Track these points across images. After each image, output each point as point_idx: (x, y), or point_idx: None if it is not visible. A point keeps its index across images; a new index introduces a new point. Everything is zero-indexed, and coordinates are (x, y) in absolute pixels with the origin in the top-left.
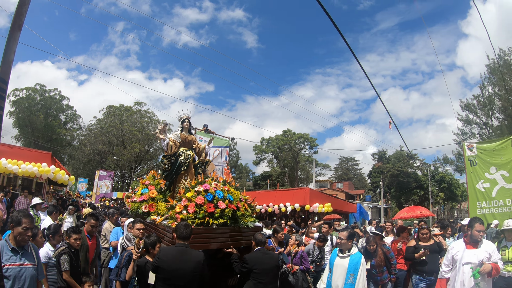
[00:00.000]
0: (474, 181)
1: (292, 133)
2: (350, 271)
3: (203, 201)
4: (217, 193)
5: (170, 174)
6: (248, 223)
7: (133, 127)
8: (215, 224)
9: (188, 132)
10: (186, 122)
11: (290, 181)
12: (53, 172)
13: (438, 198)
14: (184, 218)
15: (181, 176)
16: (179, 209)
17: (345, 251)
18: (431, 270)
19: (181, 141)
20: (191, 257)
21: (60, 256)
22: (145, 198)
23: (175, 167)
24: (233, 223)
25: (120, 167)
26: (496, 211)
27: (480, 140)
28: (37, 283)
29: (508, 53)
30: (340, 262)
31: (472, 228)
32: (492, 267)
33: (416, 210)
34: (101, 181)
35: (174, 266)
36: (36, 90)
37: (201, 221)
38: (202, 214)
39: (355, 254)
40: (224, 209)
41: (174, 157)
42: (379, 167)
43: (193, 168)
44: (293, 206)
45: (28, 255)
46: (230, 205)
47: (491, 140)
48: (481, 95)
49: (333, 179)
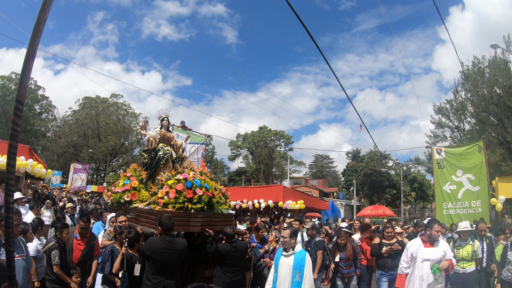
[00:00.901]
0: (441, 183)
1: (268, 130)
2: (296, 269)
3: (182, 188)
4: (195, 181)
5: (150, 167)
6: (223, 210)
7: (109, 119)
8: (193, 208)
9: (166, 130)
10: (165, 120)
11: (264, 177)
12: (31, 165)
13: (410, 198)
14: (166, 203)
15: (159, 170)
16: (161, 195)
17: (289, 249)
18: (393, 265)
19: (160, 138)
20: (178, 246)
21: (51, 251)
22: (127, 188)
23: (155, 161)
24: (209, 209)
25: (95, 160)
26: (462, 212)
27: (452, 143)
28: (28, 273)
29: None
30: (285, 261)
31: (432, 228)
32: (449, 263)
33: (379, 209)
34: (76, 174)
35: (164, 256)
36: (11, 79)
37: (181, 206)
38: (182, 199)
39: (299, 251)
40: (201, 196)
41: (153, 152)
42: (353, 165)
43: (171, 162)
44: (266, 203)
45: (17, 248)
46: (207, 192)
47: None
48: (454, 100)
49: (307, 176)
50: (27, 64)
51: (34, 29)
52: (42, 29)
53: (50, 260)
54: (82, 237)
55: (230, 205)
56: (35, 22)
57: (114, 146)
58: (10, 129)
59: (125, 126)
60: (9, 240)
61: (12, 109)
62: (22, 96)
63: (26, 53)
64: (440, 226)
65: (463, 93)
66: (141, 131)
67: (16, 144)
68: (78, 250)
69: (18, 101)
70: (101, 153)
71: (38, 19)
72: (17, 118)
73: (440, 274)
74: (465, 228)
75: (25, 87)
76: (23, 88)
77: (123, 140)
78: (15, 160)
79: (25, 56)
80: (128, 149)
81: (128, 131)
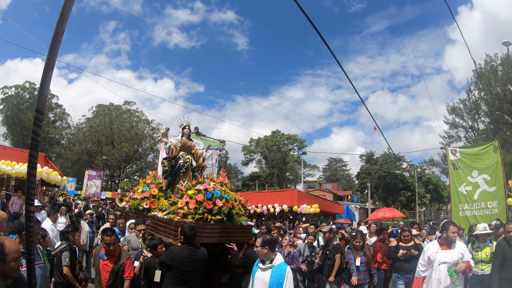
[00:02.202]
0: (456, 184)
1: (281, 134)
2: (272, 287)
3: (203, 198)
4: (215, 192)
5: (170, 175)
6: (242, 221)
7: (122, 126)
8: (213, 220)
9: (187, 138)
10: (187, 128)
11: (278, 181)
12: (46, 173)
13: (424, 200)
14: (186, 213)
15: (179, 178)
16: (181, 205)
17: (266, 261)
18: (410, 269)
19: (181, 146)
20: (199, 254)
21: (62, 252)
22: (147, 196)
23: (175, 169)
24: (228, 220)
25: (109, 166)
26: (478, 213)
27: (467, 143)
28: (45, 279)
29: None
30: (260, 275)
31: (448, 230)
32: (466, 266)
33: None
34: (90, 180)
35: (186, 265)
36: (25, 88)
37: (201, 217)
38: (202, 210)
39: (278, 265)
40: (221, 207)
41: (174, 160)
42: (367, 168)
43: (191, 171)
44: (281, 207)
45: (36, 256)
46: (227, 203)
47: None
48: (468, 99)
49: (321, 180)
50: (46, 74)
51: (52, 39)
52: (61, 39)
53: (60, 262)
54: (109, 255)
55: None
56: (54, 32)
57: (127, 152)
58: (30, 138)
59: (138, 132)
60: (30, 248)
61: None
62: (41, 106)
63: (45, 63)
64: (456, 227)
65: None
66: (162, 138)
67: (37, 154)
68: (106, 272)
69: (38, 111)
70: (115, 160)
71: (56, 30)
72: (37, 128)
73: (457, 277)
74: (484, 231)
75: (44, 97)
76: (43, 98)
77: (136, 147)
78: (35, 169)
79: (44, 66)
80: (141, 156)
81: (141, 137)
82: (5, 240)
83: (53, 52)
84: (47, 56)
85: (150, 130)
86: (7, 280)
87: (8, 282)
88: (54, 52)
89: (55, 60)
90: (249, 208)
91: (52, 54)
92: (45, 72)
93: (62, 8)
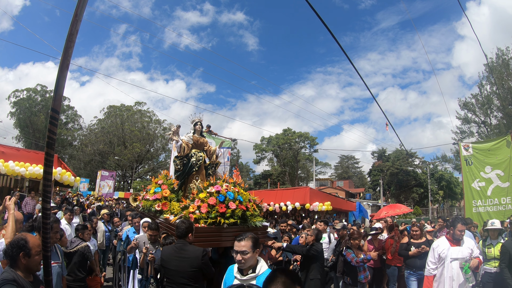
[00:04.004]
0: (469, 180)
1: (292, 132)
2: None
3: (215, 201)
4: (228, 194)
5: (182, 174)
6: (257, 223)
7: (133, 127)
8: (226, 223)
9: (200, 135)
10: (199, 125)
11: (290, 179)
12: (60, 174)
13: (437, 196)
14: (198, 218)
15: (192, 177)
16: (193, 209)
17: (246, 271)
18: (422, 265)
19: (193, 143)
20: (188, 253)
21: (85, 249)
22: (158, 197)
23: (187, 168)
24: (242, 222)
25: (121, 167)
26: (491, 210)
27: (479, 138)
28: (62, 278)
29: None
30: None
31: (455, 228)
32: (478, 261)
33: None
34: (103, 181)
35: (172, 264)
36: (36, 91)
37: (213, 221)
38: (214, 214)
39: (263, 274)
40: (235, 210)
41: (186, 158)
42: (379, 165)
43: (204, 169)
44: (293, 205)
45: (54, 255)
46: (240, 205)
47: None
48: (480, 94)
49: (333, 177)
50: (61, 74)
51: (66, 39)
52: (75, 39)
53: (84, 259)
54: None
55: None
56: (68, 33)
57: (139, 153)
58: (47, 137)
59: (150, 132)
60: (47, 245)
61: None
62: (57, 106)
63: (60, 63)
64: (464, 225)
65: (488, 87)
66: (174, 137)
67: (53, 152)
68: None
69: (54, 110)
70: (127, 160)
71: (70, 30)
72: (53, 126)
73: (471, 273)
74: (493, 226)
75: (60, 97)
76: (58, 98)
77: (148, 147)
78: (52, 168)
79: (59, 66)
80: (153, 156)
81: (153, 137)
82: (26, 236)
83: (68, 52)
84: (61, 56)
85: (162, 130)
86: (29, 277)
87: (30, 278)
88: (69, 53)
89: (69, 60)
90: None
91: (66, 54)
92: (60, 72)
93: (76, 8)
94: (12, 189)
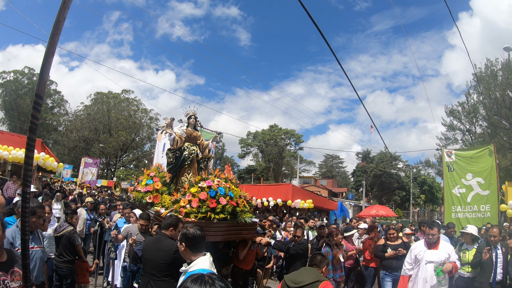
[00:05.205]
0: (451, 186)
1: (278, 128)
2: None
3: (206, 196)
4: (219, 189)
5: (174, 167)
6: (246, 219)
7: (120, 115)
8: (216, 218)
9: (193, 128)
10: (192, 118)
11: (274, 176)
12: (43, 159)
13: (419, 200)
14: (188, 212)
15: (184, 170)
16: (184, 203)
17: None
18: (398, 266)
19: (186, 136)
20: (162, 246)
21: (72, 234)
22: (150, 189)
23: (180, 161)
24: (232, 218)
25: (106, 154)
26: (470, 216)
27: (463, 145)
28: (43, 263)
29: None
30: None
31: (425, 230)
32: (452, 266)
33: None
34: (86, 168)
35: (148, 254)
36: (24, 73)
37: (204, 216)
38: (205, 209)
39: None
40: (225, 205)
41: (179, 151)
42: (363, 166)
43: (196, 163)
44: (275, 201)
45: (36, 239)
46: (231, 201)
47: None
48: (466, 103)
49: (317, 175)
50: (46, 60)
51: (53, 26)
52: (62, 27)
53: (70, 243)
54: None
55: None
56: (55, 20)
57: (125, 141)
58: (29, 122)
59: (136, 121)
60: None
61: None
62: (41, 91)
63: (46, 49)
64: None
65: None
66: (167, 129)
67: (35, 137)
68: None
69: (38, 96)
70: (112, 148)
71: (58, 17)
72: (36, 112)
73: (444, 277)
74: (465, 230)
75: (44, 82)
76: (43, 83)
77: (134, 136)
78: (33, 153)
79: (44, 52)
80: (138, 145)
81: (139, 126)
82: None
83: (54, 39)
84: (48, 42)
85: (148, 120)
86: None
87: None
88: (55, 39)
89: (55, 47)
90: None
91: (53, 41)
92: (46, 58)
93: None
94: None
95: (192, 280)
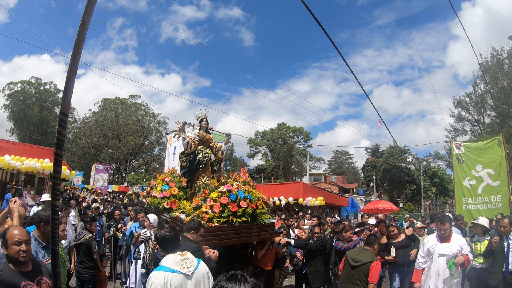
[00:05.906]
0: (461, 178)
1: (286, 127)
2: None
3: (227, 201)
4: (239, 193)
5: (189, 171)
6: (265, 220)
7: (128, 120)
8: (238, 222)
9: (205, 131)
10: (204, 121)
11: (284, 174)
12: None
13: (430, 193)
14: (211, 217)
15: (198, 174)
16: (206, 209)
17: None
18: (403, 262)
19: (199, 140)
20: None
21: (90, 241)
22: (167, 195)
23: (194, 165)
24: (252, 220)
25: (115, 160)
26: (482, 208)
27: (472, 136)
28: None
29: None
30: None
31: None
32: (464, 259)
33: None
34: (97, 174)
35: None
36: (31, 83)
37: (226, 220)
38: (227, 213)
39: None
40: (246, 208)
41: (192, 155)
42: (373, 161)
43: (210, 166)
44: (287, 200)
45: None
46: (251, 204)
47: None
48: (474, 93)
49: (327, 172)
50: (69, 79)
51: (74, 47)
52: (82, 47)
53: (89, 249)
54: None
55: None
56: (75, 41)
57: (134, 146)
58: (56, 138)
59: (144, 126)
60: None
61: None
62: (66, 109)
63: (68, 69)
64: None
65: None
66: (180, 134)
67: (62, 152)
68: None
69: (63, 113)
70: (122, 153)
71: (78, 38)
72: (62, 129)
73: (456, 269)
74: (476, 221)
75: (68, 101)
76: (67, 102)
77: (142, 140)
78: (61, 167)
79: (67, 72)
80: (147, 149)
81: (147, 131)
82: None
83: (76, 58)
84: (69, 63)
85: (156, 124)
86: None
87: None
88: (77, 59)
89: (77, 66)
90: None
91: (74, 60)
92: (69, 78)
93: (83, 17)
94: (8, 182)
95: (226, 279)
